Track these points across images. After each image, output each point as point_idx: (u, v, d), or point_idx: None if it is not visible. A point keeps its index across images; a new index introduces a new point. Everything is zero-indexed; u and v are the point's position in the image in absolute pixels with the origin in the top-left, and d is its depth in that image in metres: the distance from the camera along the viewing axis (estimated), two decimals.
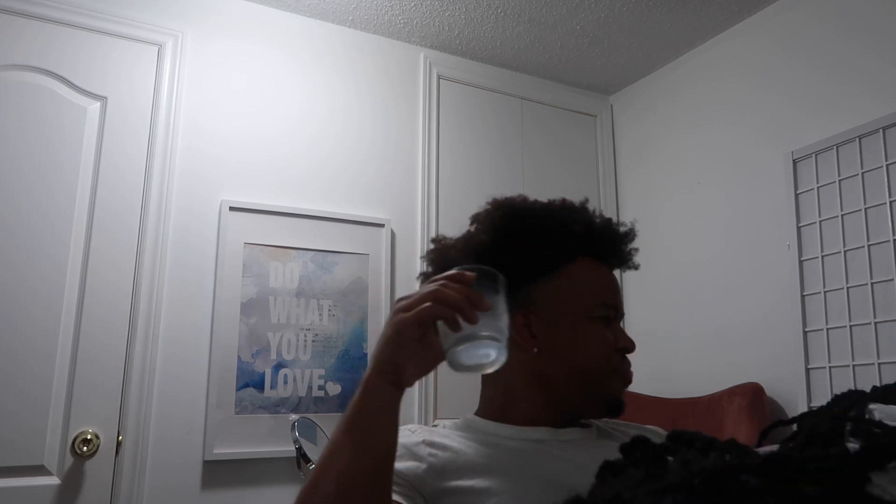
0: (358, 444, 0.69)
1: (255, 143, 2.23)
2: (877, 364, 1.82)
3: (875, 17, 1.98)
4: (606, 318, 0.89)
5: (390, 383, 0.71)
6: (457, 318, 0.66)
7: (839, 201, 1.98)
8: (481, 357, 0.68)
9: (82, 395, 1.85)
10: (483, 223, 0.92)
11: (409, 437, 0.85)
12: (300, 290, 2.17)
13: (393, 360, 0.70)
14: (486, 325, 0.68)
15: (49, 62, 1.98)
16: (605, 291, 0.91)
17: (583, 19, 2.40)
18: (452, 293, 0.67)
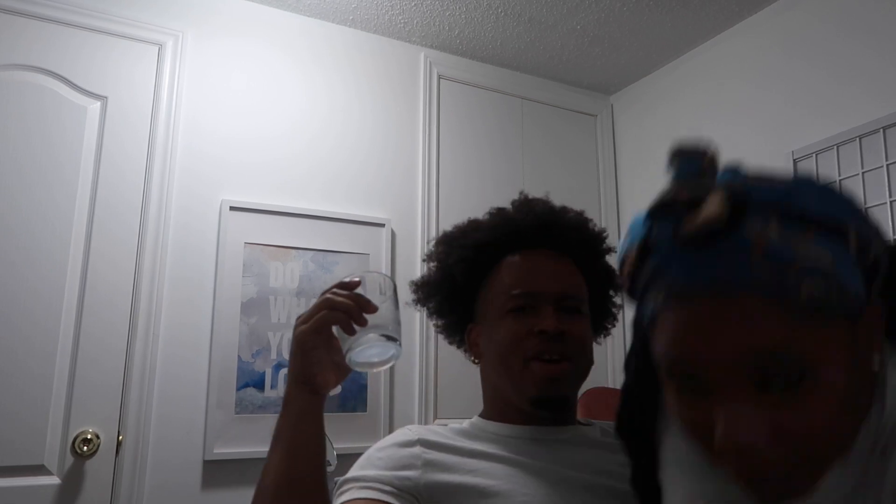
0: (287, 454, 0.74)
1: (256, 142, 2.23)
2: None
3: (875, 17, 1.98)
4: (521, 308, 0.86)
5: (306, 392, 0.75)
6: (349, 322, 0.71)
7: None
8: (372, 356, 0.74)
9: (82, 395, 1.85)
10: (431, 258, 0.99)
11: (405, 437, 0.85)
12: (300, 289, 2.17)
13: (302, 370, 0.75)
14: (376, 327, 0.73)
15: (49, 62, 1.98)
16: (518, 283, 0.88)
17: (583, 19, 2.40)
18: (341, 299, 0.72)
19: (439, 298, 0.97)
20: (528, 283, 0.87)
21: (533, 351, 0.84)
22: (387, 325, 0.74)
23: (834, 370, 0.45)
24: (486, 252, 0.92)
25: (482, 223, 0.95)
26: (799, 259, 0.44)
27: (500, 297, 0.89)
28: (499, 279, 0.90)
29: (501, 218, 0.95)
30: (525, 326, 0.85)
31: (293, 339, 0.75)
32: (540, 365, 0.83)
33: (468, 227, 0.96)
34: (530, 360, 0.84)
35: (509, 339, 0.85)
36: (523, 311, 0.86)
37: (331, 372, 0.76)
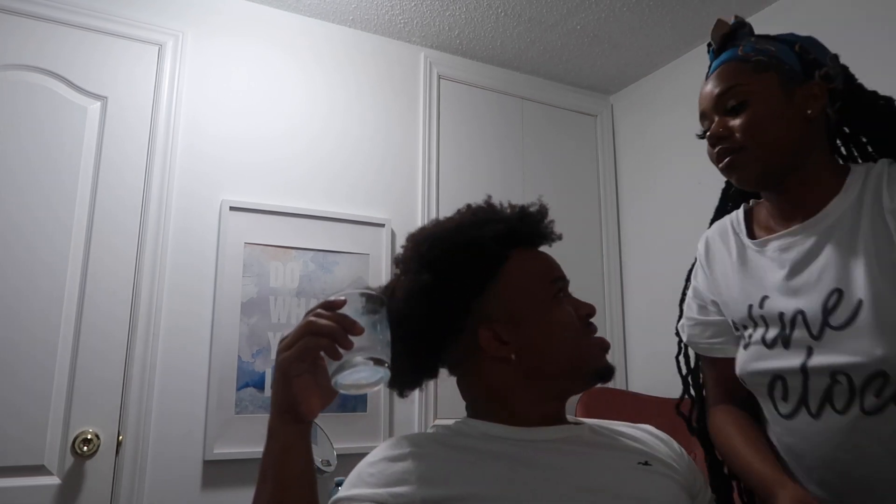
0: (275, 488, 0.72)
1: (256, 142, 2.23)
2: None
3: (875, 17, 1.98)
4: (560, 292, 0.89)
5: (290, 422, 0.73)
6: (334, 346, 0.68)
7: None
8: (361, 379, 0.71)
9: (83, 395, 1.85)
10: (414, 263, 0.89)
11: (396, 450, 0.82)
12: (301, 289, 2.17)
13: (286, 400, 0.72)
14: (363, 349, 0.70)
15: (49, 62, 1.98)
16: (549, 270, 0.90)
17: (583, 19, 2.40)
18: (325, 323, 0.69)
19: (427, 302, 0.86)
20: (557, 269, 0.91)
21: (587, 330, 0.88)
22: (374, 347, 0.71)
23: (759, 98, 0.95)
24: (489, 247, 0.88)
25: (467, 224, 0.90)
26: (757, 48, 0.98)
27: (533, 287, 0.88)
28: (520, 272, 0.88)
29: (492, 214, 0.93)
30: (574, 308, 0.88)
31: (275, 366, 0.72)
32: (598, 338, 0.88)
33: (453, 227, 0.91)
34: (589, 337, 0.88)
35: (567, 322, 0.87)
36: (562, 295, 0.89)
37: (315, 397, 0.73)
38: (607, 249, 2.81)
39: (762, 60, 0.95)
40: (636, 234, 2.80)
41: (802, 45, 0.96)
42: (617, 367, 2.68)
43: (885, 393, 0.83)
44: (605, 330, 2.74)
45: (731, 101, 0.95)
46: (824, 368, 0.88)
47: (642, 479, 0.82)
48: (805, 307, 0.90)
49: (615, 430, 0.93)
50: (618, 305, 2.78)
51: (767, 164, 0.94)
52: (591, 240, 2.81)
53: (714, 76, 1.01)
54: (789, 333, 0.92)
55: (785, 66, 0.94)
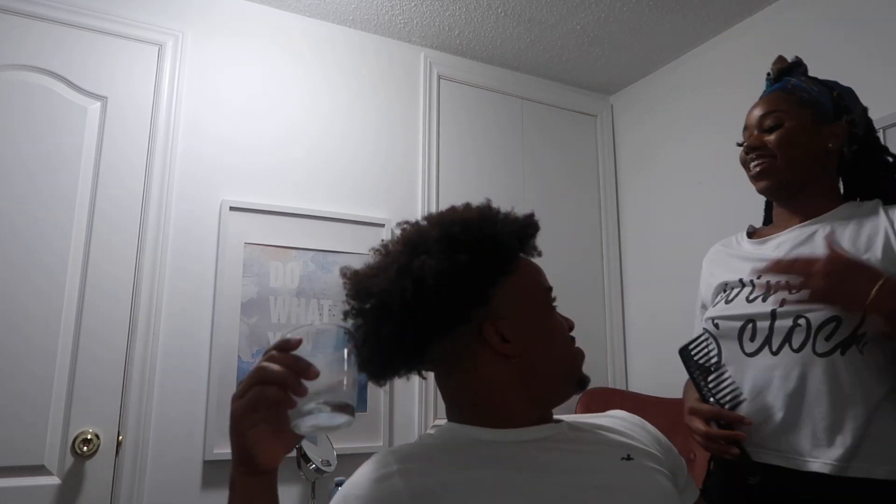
0: None
1: (256, 142, 2.23)
2: None
3: (875, 17, 1.98)
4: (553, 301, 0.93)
5: (249, 474, 0.69)
6: (286, 394, 0.65)
7: None
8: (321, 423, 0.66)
9: (83, 395, 1.85)
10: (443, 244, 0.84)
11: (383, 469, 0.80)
12: (300, 289, 2.17)
13: (241, 452, 0.68)
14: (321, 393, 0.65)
15: (49, 62, 1.98)
16: (544, 279, 0.93)
17: (583, 19, 2.40)
18: (276, 370, 0.65)
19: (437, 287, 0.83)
20: (547, 281, 0.94)
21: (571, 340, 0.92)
22: (335, 389, 0.66)
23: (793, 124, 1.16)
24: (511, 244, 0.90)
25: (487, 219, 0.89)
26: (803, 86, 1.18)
27: (536, 292, 0.91)
28: (526, 274, 0.91)
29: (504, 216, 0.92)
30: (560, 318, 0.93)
31: (230, 416, 0.67)
32: (579, 349, 0.92)
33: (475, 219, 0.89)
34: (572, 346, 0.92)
35: (566, 334, 0.91)
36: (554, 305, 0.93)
37: (274, 446, 0.68)
38: (607, 249, 2.81)
39: (804, 97, 1.18)
40: (636, 234, 2.80)
41: (840, 93, 1.20)
42: (617, 367, 2.70)
43: (834, 338, 1.02)
44: (605, 330, 2.74)
45: (770, 122, 1.18)
46: (791, 312, 1.06)
47: (628, 474, 0.83)
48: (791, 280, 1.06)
49: (592, 423, 0.94)
50: (618, 305, 2.77)
51: (788, 176, 1.16)
52: (591, 240, 2.81)
53: (764, 100, 1.22)
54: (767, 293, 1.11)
55: (820, 106, 1.17)
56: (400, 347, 0.83)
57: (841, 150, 1.17)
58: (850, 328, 1.01)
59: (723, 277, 1.23)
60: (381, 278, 0.84)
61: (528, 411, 0.87)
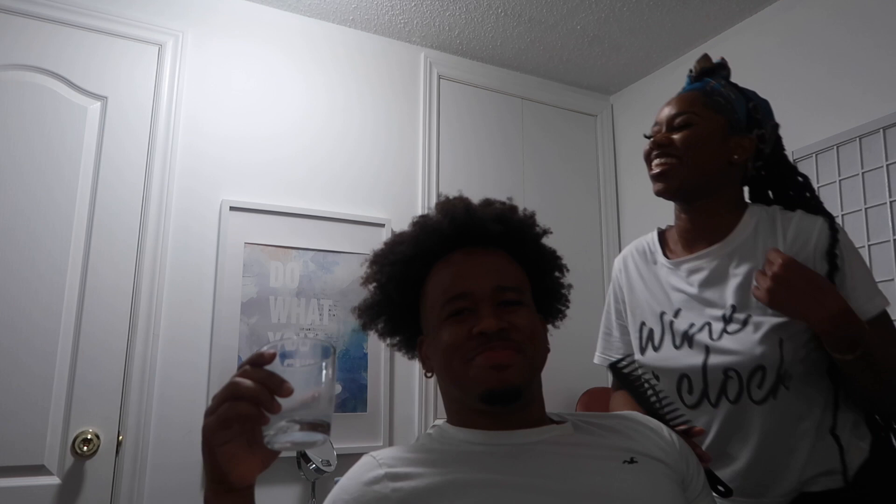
0: None
1: (256, 142, 2.23)
2: None
3: (875, 17, 1.98)
4: (459, 311, 0.84)
5: (224, 493, 0.65)
6: (259, 410, 0.62)
7: (839, 201, 1.98)
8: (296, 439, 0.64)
9: (83, 395, 1.85)
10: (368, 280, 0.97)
11: (371, 472, 0.79)
12: (300, 289, 2.17)
13: (213, 469, 0.65)
14: (295, 410, 0.63)
15: (49, 62, 1.98)
16: (449, 288, 0.86)
17: (583, 19, 2.40)
18: (248, 385, 0.62)
19: (385, 319, 0.95)
20: (458, 286, 0.85)
21: (475, 351, 0.81)
22: (311, 406, 0.64)
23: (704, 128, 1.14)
24: (414, 264, 0.90)
25: (406, 235, 0.92)
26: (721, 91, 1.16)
27: (435, 305, 0.86)
28: (432, 288, 0.88)
29: (423, 226, 0.91)
30: (464, 329, 0.82)
31: (201, 432, 0.64)
32: (484, 357, 0.81)
33: (394, 242, 0.93)
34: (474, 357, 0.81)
35: (450, 344, 0.83)
36: (461, 314, 0.84)
37: (252, 460, 0.65)
38: (607, 249, 2.81)
39: (720, 102, 1.15)
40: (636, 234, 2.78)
41: (756, 105, 1.17)
42: None
43: (765, 385, 1.05)
44: None
45: (680, 121, 1.16)
46: (718, 367, 1.08)
47: (629, 478, 0.80)
48: (710, 320, 1.11)
49: (600, 423, 0.90)
50: None
51: (688, 180, 1.13)
52: (591, 240, 2.81)
53: (679, 98, 1.20)
54: (692, 335, 1.12)
55: (734, 114, 1.15)
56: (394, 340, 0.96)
57: (745, 164, 1.16)
58: (775, 373, 1.04)
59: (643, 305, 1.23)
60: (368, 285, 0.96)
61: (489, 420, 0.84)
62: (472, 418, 0.85)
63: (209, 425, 0.63)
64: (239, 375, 0.64)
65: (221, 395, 0.64)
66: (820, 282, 1.00)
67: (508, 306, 0.84)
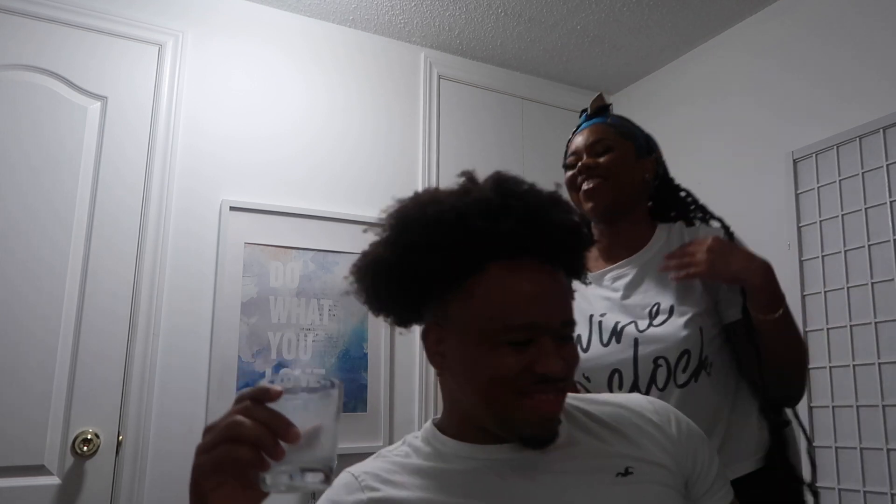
0: None
1: (256, 142, 2.23)
2: (877, 364, 1.82)
3: (875, 17, 1.98)
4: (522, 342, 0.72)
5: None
6: (260, 456, 0.55)
7: (839, 201, 1.98)
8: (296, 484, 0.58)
9: (83, 395, 1.85)
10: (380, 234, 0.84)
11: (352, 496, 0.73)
12: (301, 289, 2.17)
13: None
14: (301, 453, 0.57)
15: (49, 62, 1.98)
16: (517, 310, 0.72)
17: (583, 19, 2.40)
18: (250, 427, 0.56)
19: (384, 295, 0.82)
20: (531, 313, 0.72)
21: (529, 389, 0.72)
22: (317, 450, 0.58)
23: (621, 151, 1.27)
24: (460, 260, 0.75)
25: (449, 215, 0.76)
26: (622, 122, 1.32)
27: (492, 320, 0.72)
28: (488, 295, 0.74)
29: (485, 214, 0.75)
30: (523, 362, 0.71)
31: (192, 471, 0.58)
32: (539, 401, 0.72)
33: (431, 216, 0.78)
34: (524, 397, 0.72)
35: (503, 375, 0.71)
36: (523, 345, 0.72)
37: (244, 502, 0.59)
38: None
39: (625, 130, 1.31)
40: None
41: (647, 134, 1.36)
42: None
43: (689, 369, 1.14)
44: None
45: (600, 147, 1.27)
46: (648, 356, 1.15)
47: (622, 495, 0.74)
48: (636, 318, 1.20)
49: (598, 417, 0.82)
50: None
51: (616, 197, 1.25)
52: None
53: (589, 129, 1.31)
54: (620, 331, 1.20)
55: (638, 140, 1.32)
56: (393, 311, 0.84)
57: (651, 182, 1.31)
58: (697, 357, 1.14)
59: None
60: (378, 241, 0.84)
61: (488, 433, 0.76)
62: (477, 434, 0.77)
63: (202, 466, 0.57)
64: (239, 412, 0.57)
65: (220, 434, 0.57)
66: (742, 247, 1.19)
67: (565, 342, 0.75)
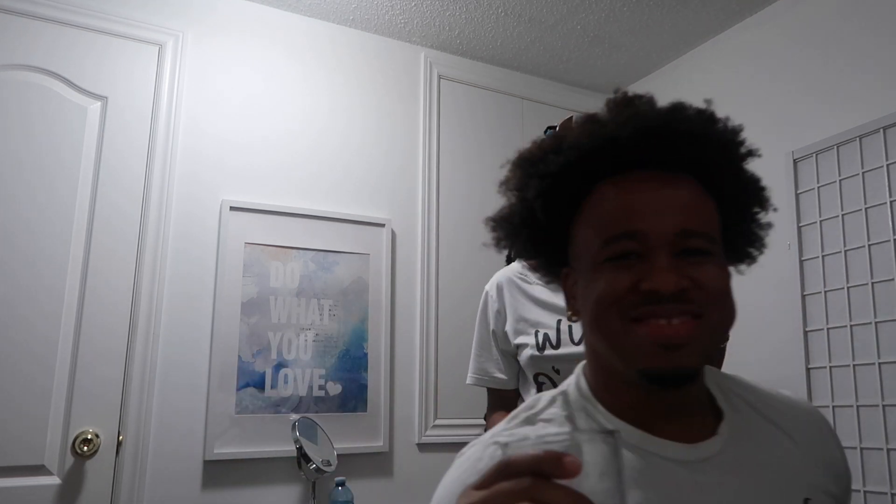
0: None
1: (256, 142, 2.23)
2: (877, 364, 1.82)
3: (875, 17, 1.98)
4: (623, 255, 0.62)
5: None
6: None
7: (840, 201, 1.98)
8: None
9: (83, 395, 1.85)
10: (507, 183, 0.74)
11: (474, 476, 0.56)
12: (301, 289, 2.17)
13: None
14: None
15: (49, 62, 1.98)
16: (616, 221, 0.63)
17: (583, 19, 2.40)
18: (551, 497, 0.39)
19: (524, 239, 0.73)
20: (628, 221, 0.62)
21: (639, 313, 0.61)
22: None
23: None
24: (571, 181, 0.67)
25: (565, 140, 0.68)
26: None
27: (593, 240, 0.64)
28: (591, 215, 0.66)
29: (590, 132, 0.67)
30: (628, 279, 0.61)
31: None
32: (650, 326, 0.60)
33: (549, 146, 0.69)
34: (638, 318, 0.61)
35: (606, 296, 0.62)
36: (627, 259, 0.62)
37: None
38: None
39: None
40: None
41: None
42: None
43: None
44: None
45: None
46: None
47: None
48: None
49: (767, 415, 0.69)
50: None
51: None
52: None
53: None
54: None
55: None
56: None
57: None
58: None
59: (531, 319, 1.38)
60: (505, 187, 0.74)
61: (643, 402, 0.64)
62: (624, 397, 0.65)
63: None
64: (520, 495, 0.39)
65: None
66: None
67: (693, 257, 0.62)
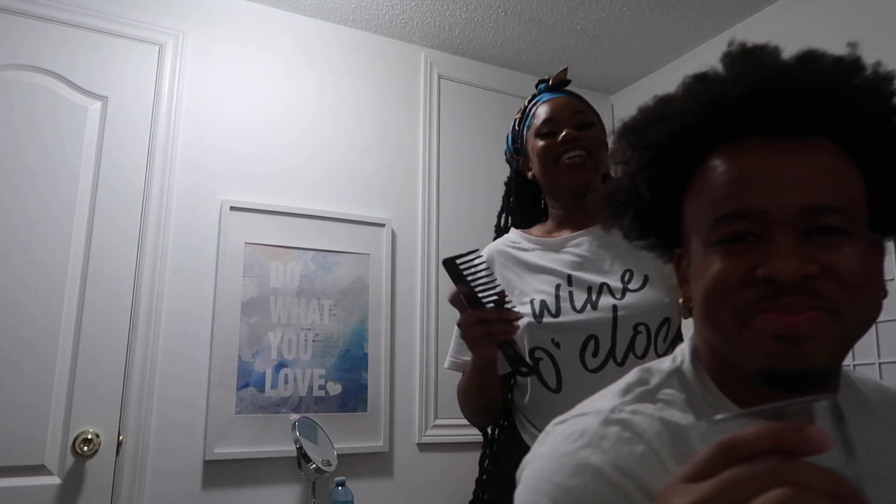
0: None
1: (256, 142, 2.23)
2: (877, 364, 1.82)
3: (874, 17, 1.98)
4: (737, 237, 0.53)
5: None
6: None
7: None
8: None
9: (83, 395, 1.85)
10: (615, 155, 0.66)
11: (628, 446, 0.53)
12: (301, 289, 2.17)
13: None
14: None
15: (50, 62, 1.98)
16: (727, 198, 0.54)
17: (583, 19, 2.40)
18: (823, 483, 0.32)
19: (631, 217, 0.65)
20: (740, 198, 0.53)
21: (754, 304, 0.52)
22: None
23: (600, 127, 1.21)
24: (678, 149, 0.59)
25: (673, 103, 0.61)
26: None
27: (703, 219, 0.56)
28: (701, 189, 0.57)
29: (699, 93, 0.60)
30: (743, 265, 0.52)
31: None
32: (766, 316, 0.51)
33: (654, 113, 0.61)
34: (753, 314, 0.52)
35: (716, 284, 0.53)
36: (742, 241, 0.53)
37: None
38: None
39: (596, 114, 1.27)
40: None
41: None
42: None
43: (669, 337, 1.13)
44: None
45: (582, 119, 1.22)
46: (628, 321, 1.12)
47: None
48: (607, 280, 1.16)
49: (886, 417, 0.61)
50: None
51: (596, 174, 1.21)
52: None
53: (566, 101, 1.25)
54: (596, 299, 1.15)
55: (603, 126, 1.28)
56: None
57: None
58: (676, 326, 1.13)
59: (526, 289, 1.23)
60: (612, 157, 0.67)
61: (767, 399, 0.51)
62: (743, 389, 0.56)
63: None
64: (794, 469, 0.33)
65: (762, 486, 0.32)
66: None
67: (825, 237, 0.52)
